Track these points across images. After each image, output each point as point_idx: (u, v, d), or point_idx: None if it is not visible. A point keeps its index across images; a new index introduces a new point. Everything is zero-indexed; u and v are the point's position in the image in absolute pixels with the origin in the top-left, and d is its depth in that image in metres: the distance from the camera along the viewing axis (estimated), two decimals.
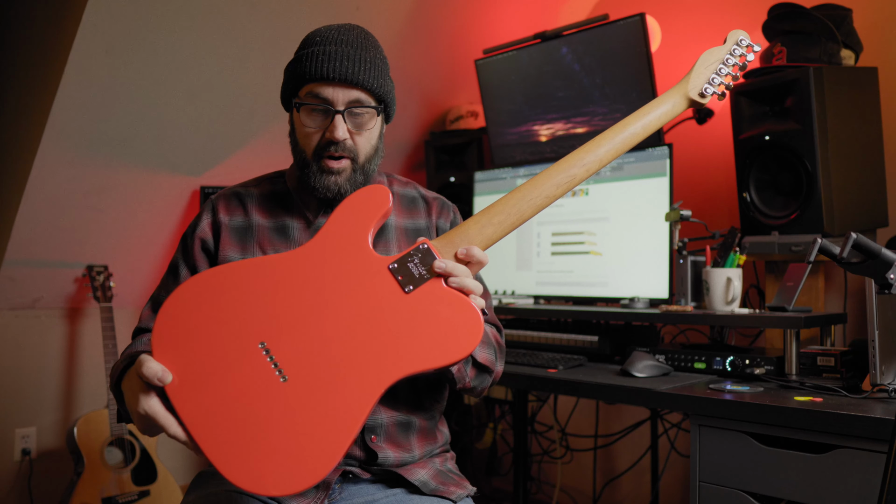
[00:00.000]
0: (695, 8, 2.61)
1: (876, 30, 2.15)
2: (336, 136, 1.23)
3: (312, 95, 1.24)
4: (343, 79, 1.22)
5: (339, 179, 1.27)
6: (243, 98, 2.58)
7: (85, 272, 2.70)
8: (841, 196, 1.90)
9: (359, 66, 1.23)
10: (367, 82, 1.24)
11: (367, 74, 1.24)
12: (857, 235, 1.21)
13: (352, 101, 1.24)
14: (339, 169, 1.26)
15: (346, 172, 1.27)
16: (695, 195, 2.43)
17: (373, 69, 1.25)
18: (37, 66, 2.40)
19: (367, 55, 1.26)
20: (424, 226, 1.40)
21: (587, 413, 2.85)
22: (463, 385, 1.29)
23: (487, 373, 1.32)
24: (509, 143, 2.74)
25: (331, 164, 1.26)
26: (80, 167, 2.44)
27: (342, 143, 1.24)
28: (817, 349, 1.80)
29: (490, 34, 2.96)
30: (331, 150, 1.25)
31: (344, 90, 1.23)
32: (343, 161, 1.26)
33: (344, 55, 1.23)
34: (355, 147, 1.26)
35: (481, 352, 1.31)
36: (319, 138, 1.25)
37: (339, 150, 1.25)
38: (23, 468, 2.72)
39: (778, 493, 1.46)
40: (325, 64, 1.22)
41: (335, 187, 1.27)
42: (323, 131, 1.25)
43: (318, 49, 1.24)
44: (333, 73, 1.22)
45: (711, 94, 1.23)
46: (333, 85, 1.23)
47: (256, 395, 1.02)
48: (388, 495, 1.26)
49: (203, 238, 1.33)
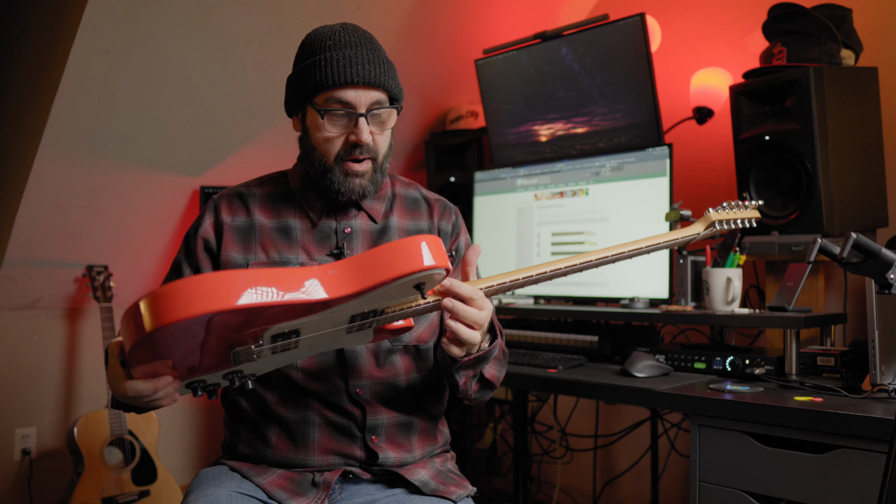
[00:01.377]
0: (695, 8, 2.61)
1: (876, 30, 2.15)
2: (362, 139, 1.25)
3: (335, 101, 1.24)
4: (367, 82, 1.24)
5: (363, 181, 1.29)
6: (243, 98, 2.58)
7: (85, 272, 2.70)
8: (841, 196, 1.90)
9: (378, 68, 1.26)
10: (387, 83, 1.27)
11: (386, 75, 1.27)
12: (857, 235, 1.21)
13: (374, 103, 1.26)
14: (363, 171, 1.28)
15: (369, 173, 1.29)
16: (695, 195, 2.42)
17: (389, 69, 1.28)
18: (37, 66, 2.40)
19: (380, 56, 1.28)
20: (426, 227, 1.41)
21: (587, 413, 2.85)
22: (465, 396, 1.31)
23: (490, 388, 1.35)
24: (509, 143, 2.74)
25: (354, 168, 1.27)
26: (80, 167, 2.44)
27: (366, 146, 1.26)
28: (817, 349, 1.80)
29: (490, 34, 2.96)
30: (355, 154, 1.26)
31: (366, 93, 1.25)
32: (365, 163, 1.28)
33: (364, 59, 1.25)
34: (376, 147, 1.29)
35: (491, 368, 1.33)
36: (343, 142, 1.27)
37: (363, 153, 1.27)
38: (23, 468, 2.72)
39: (778, 493, 1.46)
40: (346, 69, 1.23)
41: (360, 189, 1.29)
42: (346, 135, 1.26)
43: (334, 55, 1.24)
44: (357, 77, 1.23)
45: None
46: (356, 88, 1.24)
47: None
48: (388, 495, 1.26)
49: (206, 238, 1.33)
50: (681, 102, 2.53)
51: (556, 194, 2.44)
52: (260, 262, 1.30)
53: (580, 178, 2.38)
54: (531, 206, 2.51)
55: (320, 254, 1.32)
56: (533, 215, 2.50)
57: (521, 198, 2.54)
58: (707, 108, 2.42)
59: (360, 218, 1.36)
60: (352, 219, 1.35)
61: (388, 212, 1.39)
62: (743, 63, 2.32)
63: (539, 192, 2.49)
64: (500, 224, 2.60)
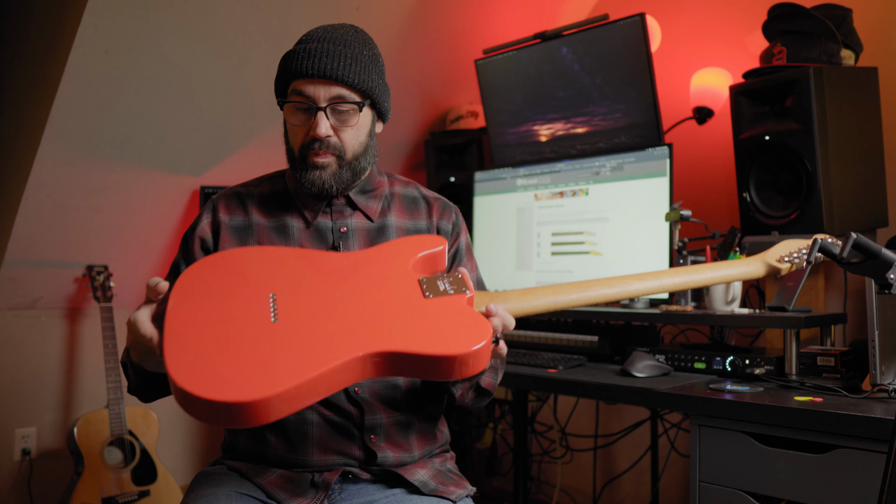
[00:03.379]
0: (695, 8, 2.61)
1: (876, 30, 2.15)
2: (318, 132, 1.24)
3: (296, 93, 1.25)
4: (322, 74, 1.22)
5: (324, 174, 1.27)
6: (243, 98, 2.58)
7: (85, 272, 2.70)
8: (841, 196, 1.90)
9: (339, 62, 1.23)
10: (348, 77, 1.23)
11: (348, 70, 1.24)
12: (857, 235, 1.21)
13: (333, 98, 1.24)
14: (324, 164, 1.26)
15: (332, 168, 1.27)
16: (695, 195, 2.43)
17: (354, 64, 1.24)
18: (37, 66, 2.40)
19: (351, 51, 1.25)
20: (425, 227, 1.40)
21: (587, 413, 2.85)
22: (462, 404, 1.33)
23: (487, 395, 1.36)
24: (509, 143, 2.74)
25: (315, 160, 1.26)
26: (80, 167, 2.44)
27: (326, 140, 1.25)
28: (817, 349, 1.80)
29: (490, 34, 2.96)
30: (315, 147, 1.25)
31: (325, 87, 1.23)
32: (328, 156, 1.26)
33: (324, 52, 1.23)
34: (341, 143, 1.27)
35: (487, 377, 1.33)
36: (304, 135, 1.26)
37: (322, 147, 1.25)
38: (23, 468, 2.72)
39: (778, 493, 1.46)
40: (304, 61, 1.23)
41: (319, 182, 1.27)
42: (308, 128, 1.26)
43: (301, 47, 1.25)
44: (312, 69, 1.22)
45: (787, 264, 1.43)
46: (314, 82, 1.23)
47: (241, 323, 1.02)
48: (387, 495, 1.26)
49: (203, 237, 1.33)
50: (681, 102, 2.52)
51: (556, 194, 2.44)
52: None
53: (580, 178, 2.38)
54: (531, 206, 2.51)
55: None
56: (533, 215, 2.50)
57: (521, 198, 2.54)
58: (707, 108, 2.42)
59: (355, 217, 1.36)
60: (347, 218, 1.35)
61: (385, 210, 1.39)
62: (743, 63, 2.32)
63: (539, 192, 2.49)
64: (500, 224, 2.60)
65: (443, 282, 1.12)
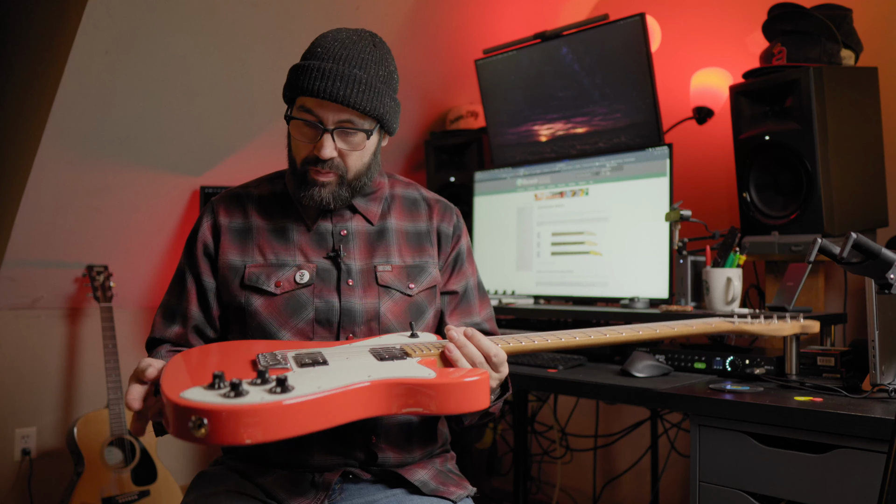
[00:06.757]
0: (695, 8, 2.61)
1: (876, 30, 2.15)
2: (323, 154, 1.22)
3: (304, 110, 1.23)
4: (333, 98, 1.19)
5: (323, 192, 1.26)
6: (243, 98, 2.58)
7: (85, 272, 2.70)
8: (841, 196, 1.90)
9: (352, 88, 1.20)
10: (359, 104, 1.21)
11: (361, 96, 1.21)
12: (857, 235, 1.21)
13: (342, 122, 1.22)
14: (324, 182, 1.26)
15: (331, 186, 1.26)
16: (695, 195, 2.43)
17: (368, 91, 1.22)
18: (37, 66, 2.40)
19: (366, 75, 1.22)
20: (425, 229, 1.40)
21: (587, 413, 2.85)
22: (461, 426, 1.35)
23: (489, 416, 1.36)
24: (509, 143, 2.74)
25: (316, 177, 1.25)
26: (80, 167, 2.44)
27: (330, 161, 1.24)
28: (817, 349, 1.80)
29: (490, 34, 2.96)
30: (318, 166, 1.24)
31: (335, 110, 1.21)
32: (329, 175, 1.25)
33: (338, 74, 1.20)
34: (344, 165, 1.25)
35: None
36: (308, 152, 1.25)
37: (325, 167, 1.24)
38: (23, 468, 2.72)
39: (778, 493, 1.46)
40: (316, 81, 1.20)
41: (318, 198, 1.26)
42: (312, 146, 1.24)
43: (315, 63, 1.21)
44: (324, 92, 1.19)
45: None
46: (324, 103, 1.21)
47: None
48: (388, 495, 1.26)
49: (205, 242, 1.33)
50: (681, 102, 2.53)
51: (556, 194, 2.44)
52: (257, 264, 1.30)
53: (580, 178, 2.38)
54: (531, 206, 2.51)
55: (317, 256, 1.32)
56: (533, 215, 2.50)
57: (521, 198, 2.54)
58: (707, 108, 2.42)
59: (355, 220, 1.35)
60: (347, 221, 1.35)
61: (385, 213, 1.38)
62: (743, 63, 2.32)
63: (539, 192, 2.49)
64: (500, 224, 2.60)
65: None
